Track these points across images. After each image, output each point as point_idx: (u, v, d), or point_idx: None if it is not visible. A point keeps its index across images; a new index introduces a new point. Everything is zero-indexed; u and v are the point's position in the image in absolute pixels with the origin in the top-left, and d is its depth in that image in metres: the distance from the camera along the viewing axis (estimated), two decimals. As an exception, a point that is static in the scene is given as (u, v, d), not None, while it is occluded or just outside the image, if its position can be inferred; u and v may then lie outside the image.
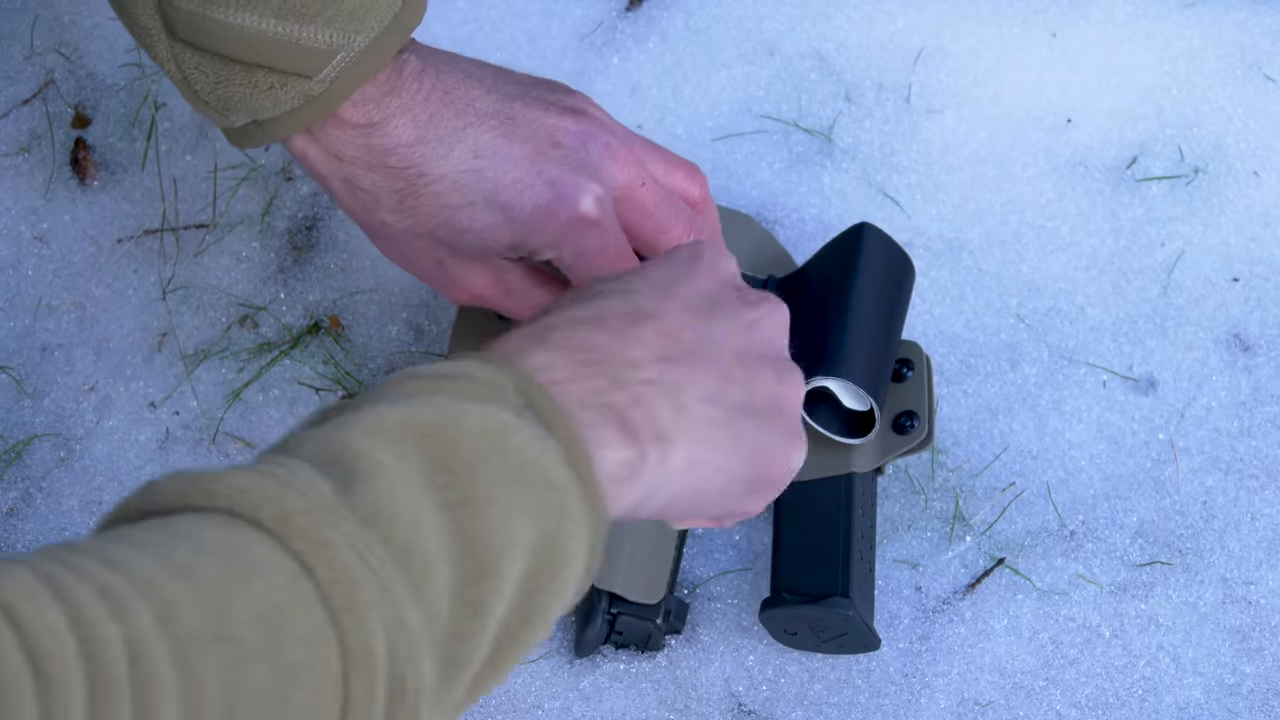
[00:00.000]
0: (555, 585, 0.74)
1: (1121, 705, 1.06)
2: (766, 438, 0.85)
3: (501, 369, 0.75)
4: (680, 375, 0.81)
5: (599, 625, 1.04)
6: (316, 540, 0.64)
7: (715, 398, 0.83)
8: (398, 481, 0.68)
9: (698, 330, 0.84)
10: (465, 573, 0.69)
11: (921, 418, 1.05)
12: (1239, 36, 1.21)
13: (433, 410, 0.72)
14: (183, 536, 0.63)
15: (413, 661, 0.65)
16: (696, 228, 0.99)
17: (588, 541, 0.75)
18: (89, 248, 1.16)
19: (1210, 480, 1.11)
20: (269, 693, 0.61)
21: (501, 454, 0.72)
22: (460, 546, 0.69)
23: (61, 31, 1.21)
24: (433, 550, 0.68)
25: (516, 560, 0.71)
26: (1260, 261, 1.16)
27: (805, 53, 1.21)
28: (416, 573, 0.67)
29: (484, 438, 0.72)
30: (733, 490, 0.85)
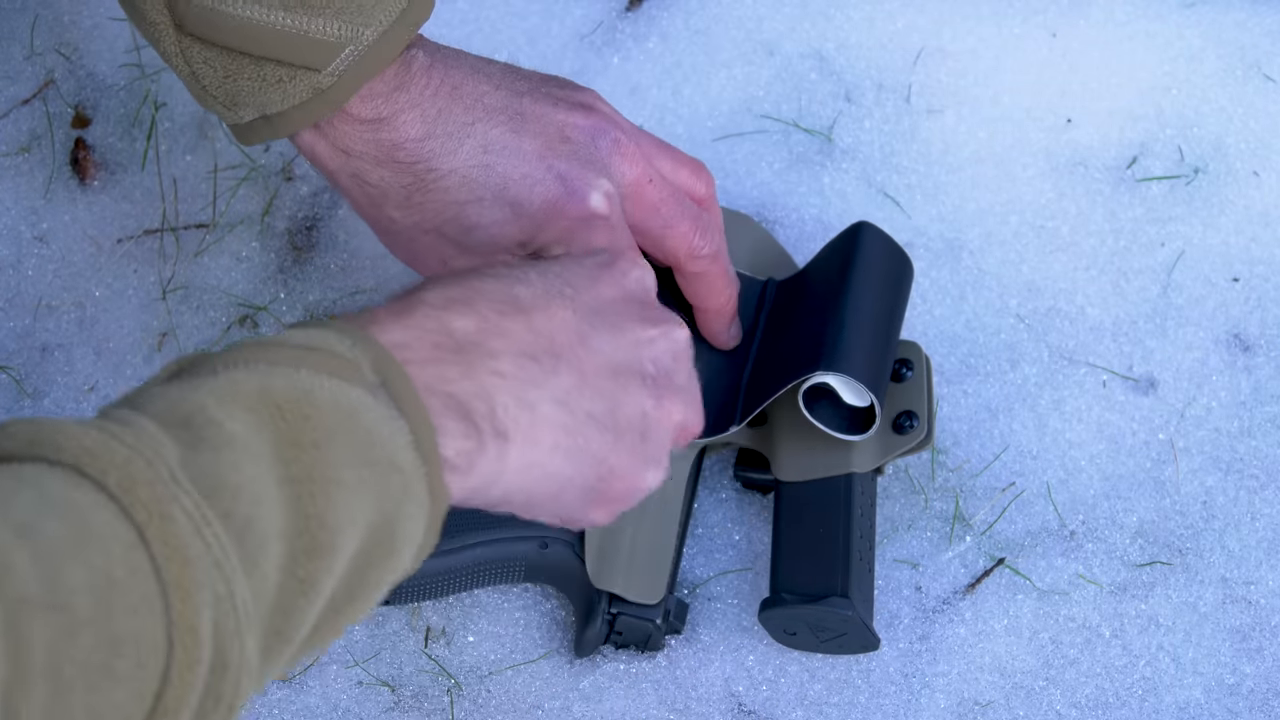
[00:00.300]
0: (389, 563, 0.75)
1: (1121, 705, 1.06)
2: (616, 455, 0.84)
3: (361, 344, 0.75)
4: (537, 374, 0.81)
5: (599, 625, 1.04)
6: (157, 513, 0.66)
7: (569, 403, 0.82)
8: (245, 454, 0.69)
9: (576, 334, 0.83)
10: (299, 549, 0.70)
11: (921, 417, 1.05)
12: (1239, 36, 1.21)
13: (289, 384, 0.72)
14: (30, 487, 0.64)
15: (237, 637, 0.67)
16: (703, 225, 0.99)
17: (425, 522, 0.76)
18: (89, 248, 1.16)
19: (1210, 480, 1.11)
20: (94, 659, 0.62)
21: (350, 433, 0.72)
22: (298, 523, 0.70)
23: (61, 31, 1.21)
24: (270, 526, 0.69)
25: (352, 539, 0.72)
26: (1260, 261, 1.16)
27: (805, 53, 1.21)
28: (251, 549, 0.68)
29: (335, 415, 0.72)
30: (566, 498, 0.84)
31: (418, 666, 1.06)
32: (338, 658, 1.06)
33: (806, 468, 1.05)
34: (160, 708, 0.65)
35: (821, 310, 1.04)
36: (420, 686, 1.06)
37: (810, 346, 1.02)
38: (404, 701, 1.05)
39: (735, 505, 1.10)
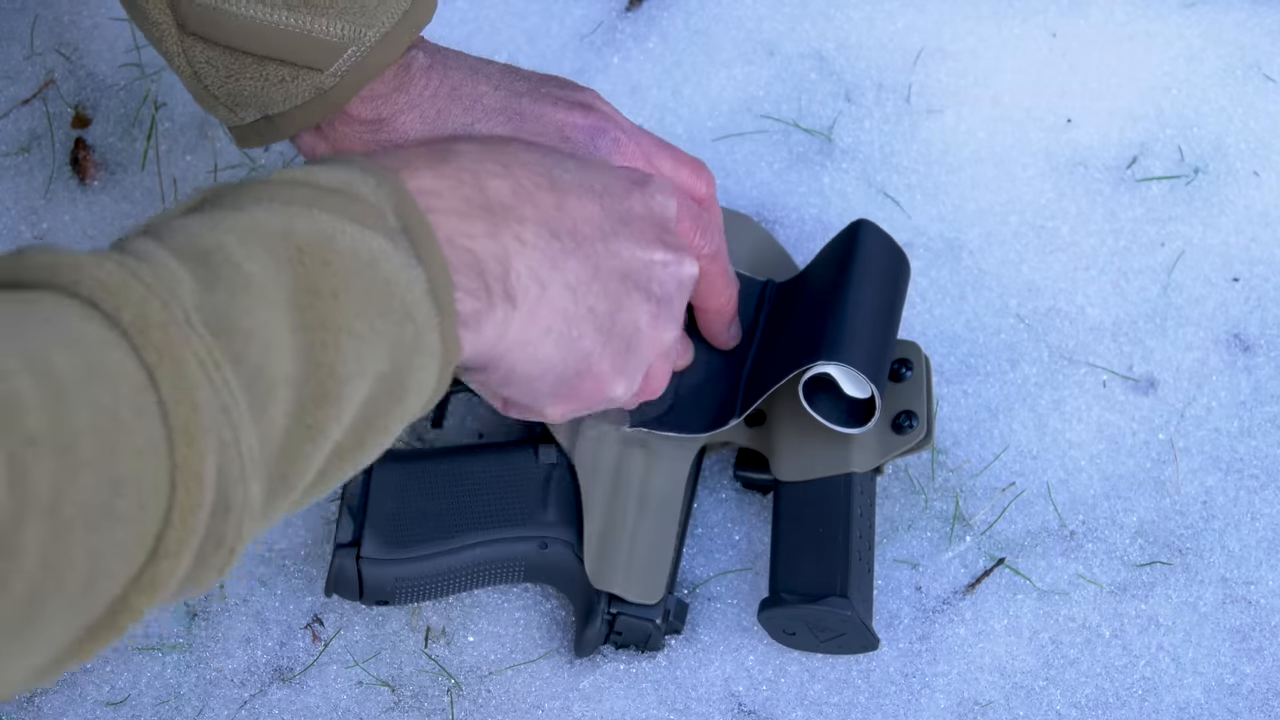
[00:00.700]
0: (396, 411, 0.75)
1: (1121, 705, 1.06)
2: (599, 357, 0.86)
3: (385, 187, 0.76)
4: (557, 252, 0.82)
5: (599, 625, 1.04)
6: (169, 355, 0.66)
7: (578, 291, 0.83)
8: (260, 299, 0.70)
9: (600, 230, 0.84)
10: (308, 395, 0.71)
11: (920, 417, 1.05)
12: (1239, 36, 1.21)
13: (312, 227, 0.72)
14: (44, 321, 0.64)
15: (242, 482, 0.67)
16: (703, 224, 0.99)
17: (436, 372, 0.76)
18: (89, 248, 1.16)
19: (1210, 480, 1.11)
20: (95, 499, 0.62)
21: (368, 282, 0.73)
22: (308, 371, 0.70)
23: (61, 31, 1.21)
24: (280, 372, 0.69)
25: (361, 388, 0.72)
26: (1260, 261, 1.16)
27: (805, 53, 1.21)
28: (260, 394, 0.68)
29: (355, 263, 0.72)
30: (540, 385, 0.85)
31: (418, 666, 1.06)
32: (338, 658, 1.06)
33: (806, 467, 1.05)
34: (161, 549, 0.65)
35: (821, 306, 1.04)
36: (420, 686, 1.06)
37: (810, 338, 1.02)
38: (404, 701, 1.05)
39: (735, 505, 1.10)
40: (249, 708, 1.05)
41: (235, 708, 1.05)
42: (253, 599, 1.08)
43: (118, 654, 1.06)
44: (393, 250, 0.74)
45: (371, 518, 1.03)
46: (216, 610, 1.07)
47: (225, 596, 1.08)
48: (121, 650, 1.06)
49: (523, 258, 0.80)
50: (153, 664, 1.06)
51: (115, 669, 1.06)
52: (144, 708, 1.05)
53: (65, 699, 1.05)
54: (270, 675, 1.06)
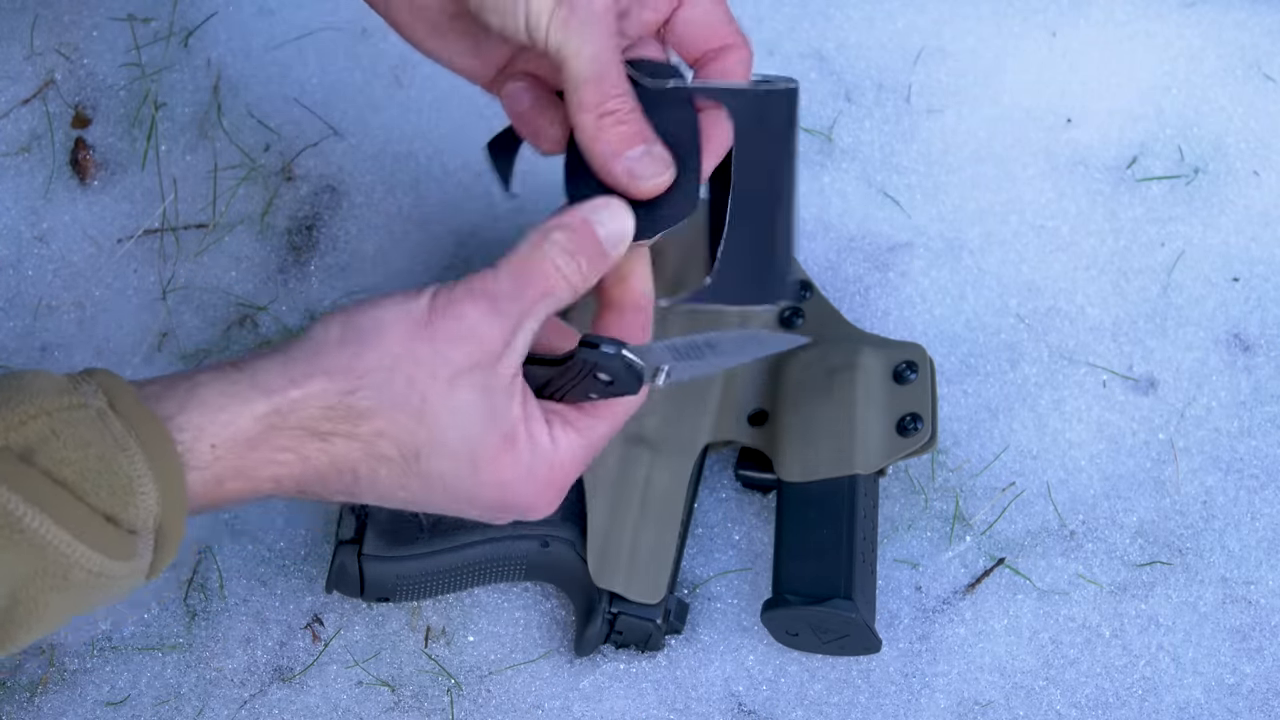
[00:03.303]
0: (30, 626, 0.77)
1: (1121, 705, 1.06)
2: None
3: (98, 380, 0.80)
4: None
5: (599, 625, 1.04)
6: None
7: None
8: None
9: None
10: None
11: (925, 420, 1.05)
12: (1239, 36, 1.21)
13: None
14: None
15: None
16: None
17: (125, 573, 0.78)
18: (89, 248, 1.16)
19: (1210, 480, 1.11)
20: None
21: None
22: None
23: (61, 31, 1.21)
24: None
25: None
26: (1260, 261, 1.16)
27: (805, 53, 1.21)
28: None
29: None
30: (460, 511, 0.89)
31: (418, 666, 1.06)
32: (338, 658, 1.06)
33: (810, 468, 1.05)
34: None
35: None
36: (420, 686, 1.06)
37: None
38: (404, 701, 1.05)
39: (735, 505, 1.10)
40: (249, 708, 1.05)
41: (235, 708, 1.05)
42: (253, 599, 1.08)
43: (118, 654, 1.06)
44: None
45: (373, 515, 1.03)
46: (216, 610, 1.07)
47: (225, 596, 1.08)
48: (121, 650, 1.06)
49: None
50: (153, 664, 1.06)
51: (115, 669, 1.06)
52: (144, 708, 1.05)
53: (65, 699, 1.05)
54: (270, 675, 1.06)
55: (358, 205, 1.17)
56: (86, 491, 0.76)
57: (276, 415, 0.82)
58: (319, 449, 0.83)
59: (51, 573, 0.76)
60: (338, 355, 0.83)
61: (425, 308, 0.84)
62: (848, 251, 1.17)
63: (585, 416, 0.88)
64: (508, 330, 0.84)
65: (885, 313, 1.15)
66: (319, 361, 0.83)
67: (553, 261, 0.85)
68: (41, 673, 1.06)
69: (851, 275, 1.16)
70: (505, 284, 0.84)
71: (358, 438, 0.83)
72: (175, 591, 1.08)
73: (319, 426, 0.82)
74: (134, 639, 1.06)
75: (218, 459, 0.81)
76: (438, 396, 0.83)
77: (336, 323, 0.84)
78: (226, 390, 0.81)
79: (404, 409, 0.83)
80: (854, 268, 1.16)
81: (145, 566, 0.79)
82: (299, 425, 0.82)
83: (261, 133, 1.19)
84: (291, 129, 1.19)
